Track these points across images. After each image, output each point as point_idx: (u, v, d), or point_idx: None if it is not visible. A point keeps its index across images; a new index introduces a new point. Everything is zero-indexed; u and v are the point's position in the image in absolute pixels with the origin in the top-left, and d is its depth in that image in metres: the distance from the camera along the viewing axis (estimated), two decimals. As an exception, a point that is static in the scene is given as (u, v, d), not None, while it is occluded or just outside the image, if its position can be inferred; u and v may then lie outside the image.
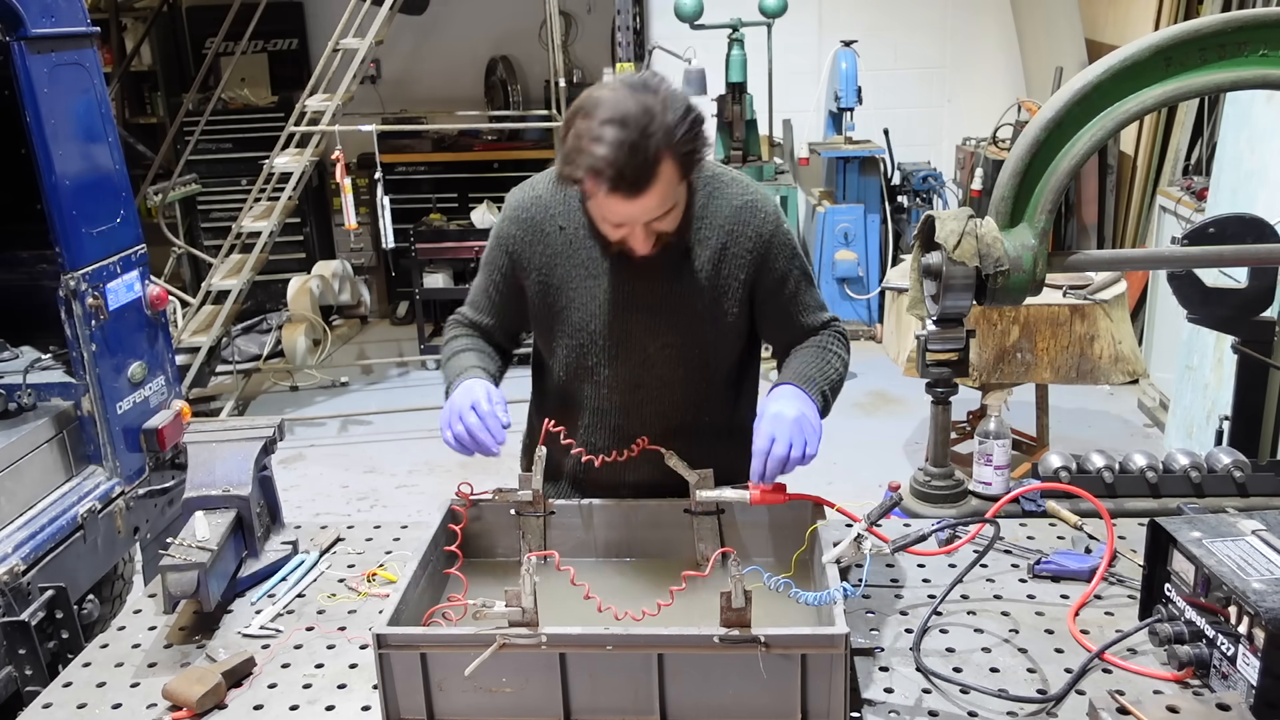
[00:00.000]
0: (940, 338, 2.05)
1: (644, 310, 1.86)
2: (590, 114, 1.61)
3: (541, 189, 1.91)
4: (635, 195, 1.62)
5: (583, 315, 1.87)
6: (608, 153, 1.57)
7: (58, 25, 2.90)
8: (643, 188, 1.61)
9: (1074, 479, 2.14)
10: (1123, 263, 4.00)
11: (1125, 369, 3.86)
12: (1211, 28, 1.90)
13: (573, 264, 1.86)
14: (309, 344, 6.51)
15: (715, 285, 1.86)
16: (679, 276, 1.85)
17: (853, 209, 6.76)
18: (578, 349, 1.90)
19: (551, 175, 1.90)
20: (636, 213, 1.66)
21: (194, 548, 1.71)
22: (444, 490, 1.79)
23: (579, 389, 1.93)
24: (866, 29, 6.82)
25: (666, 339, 1.87)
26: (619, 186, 1.59)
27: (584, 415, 1.94)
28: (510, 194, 1.95)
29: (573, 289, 1.87)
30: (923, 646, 1.57)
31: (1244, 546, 1.48)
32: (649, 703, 1.39)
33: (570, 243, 1.86)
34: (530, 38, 7.77)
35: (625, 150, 1.57)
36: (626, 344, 1.88)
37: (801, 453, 1.65)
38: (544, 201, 1.89)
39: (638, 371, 1.89)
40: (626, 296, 1.85)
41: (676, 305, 1.86)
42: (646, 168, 1.59)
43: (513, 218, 1.90)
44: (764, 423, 1.67)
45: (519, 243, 1.89)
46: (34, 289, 3.15)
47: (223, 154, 7.57)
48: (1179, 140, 5.68)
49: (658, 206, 1.67)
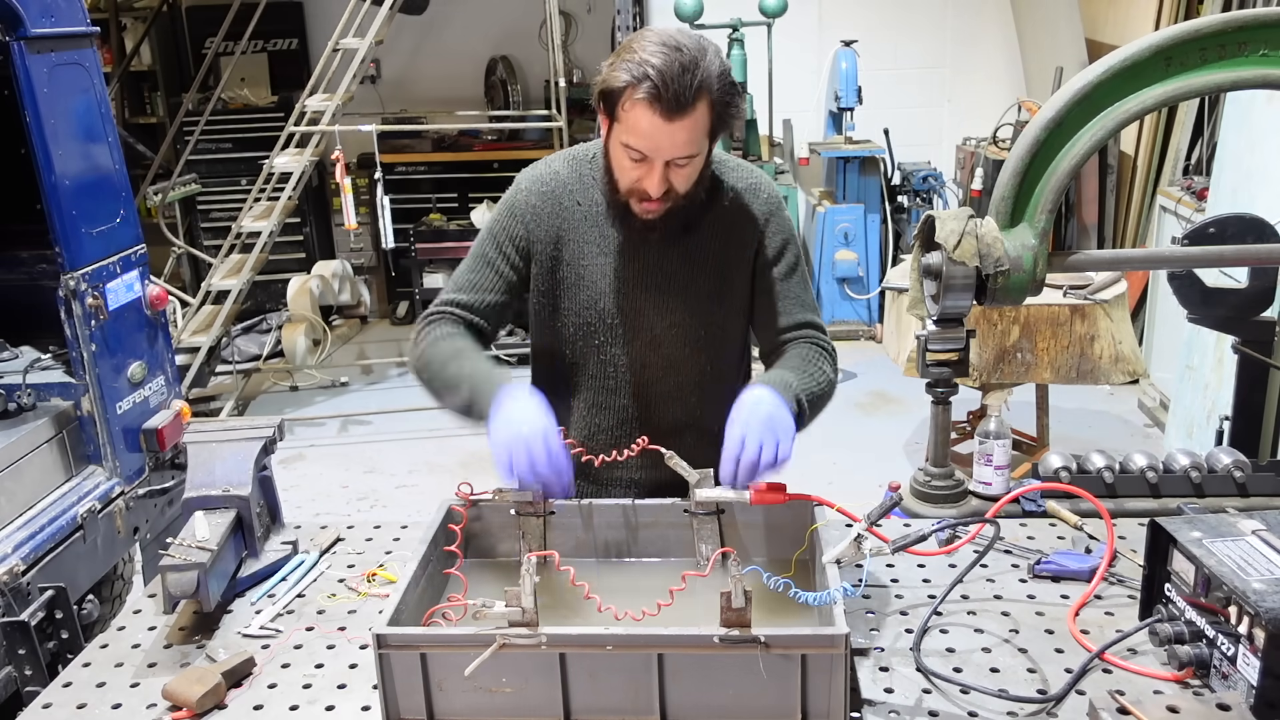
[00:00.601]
0: (940, 338, 2.05)
1: (653, 289, 1.87)
2: (645, 38, 1.65)
3: (558, 165, 1.91)
4: (671, 116, 1.62)
5: (591, 293, 1.88)
6: (659, 62, 1.60)
7: (57, 25, 2.90)
8: (682, 109, 1.62)
9: (1074, 479, 2.14)
10: (1123, 263, 4.00)
11: (1125, 369, 3.86)
12: (1211, 28, 1.90)
13: (584, 240, 1.87)
14: (309, 344, 6.51)
15: (722, 265, 1.87)
16: (688, 255, 1.86)
17: (853, 209, 6.76)
18: (584, 327, 1.90)
19: (566, 155, 1.93)
20: (664, 140, 1.66)
21: (194, 548, 1.71)
22: (444, 490, 1.78)
23: (584, 368, 1.92)
24: (866, 29, 6.82)
25: (675, 317, 1.88)
26: (660, 99, 1.61)
27: (588, 395, 1.93)
28: (524, 171, 1.94)
29: (583, 265, 1.87)
30: (923, 646, 1.57)
31: (1244, 546, 1.48)
32: (649, 703, 1.39)
33: (585, 219, 1.87)
34: (530, 38, 7.77)
35: (676, 66, 1.60)
36: (635, 323, 1.88)
37: (774, 455, 1.62)
38: (561, 177, 1.90)
39: (645, 351, 1.90)
40: (636, 274, 1.86)
41: (685, 284, 1.87)
42: (689, 91, 1.61)
43: (531, 190, 1.89)
44: (734, 426, 1.64)
45: (537, 213, 1.88)
46: (34, 289, 3.15)
47: (223, 154, 7.57)
48: (1179, 140, 5.68)
49: (685, 143, 1.67)
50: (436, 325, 1.88)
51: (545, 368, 2.01)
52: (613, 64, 1.68)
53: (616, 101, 1.66)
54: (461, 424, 1.82)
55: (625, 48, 1.67)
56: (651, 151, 1.68)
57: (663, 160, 1.68)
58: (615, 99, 1.66)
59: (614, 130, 1.72)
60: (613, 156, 1.76)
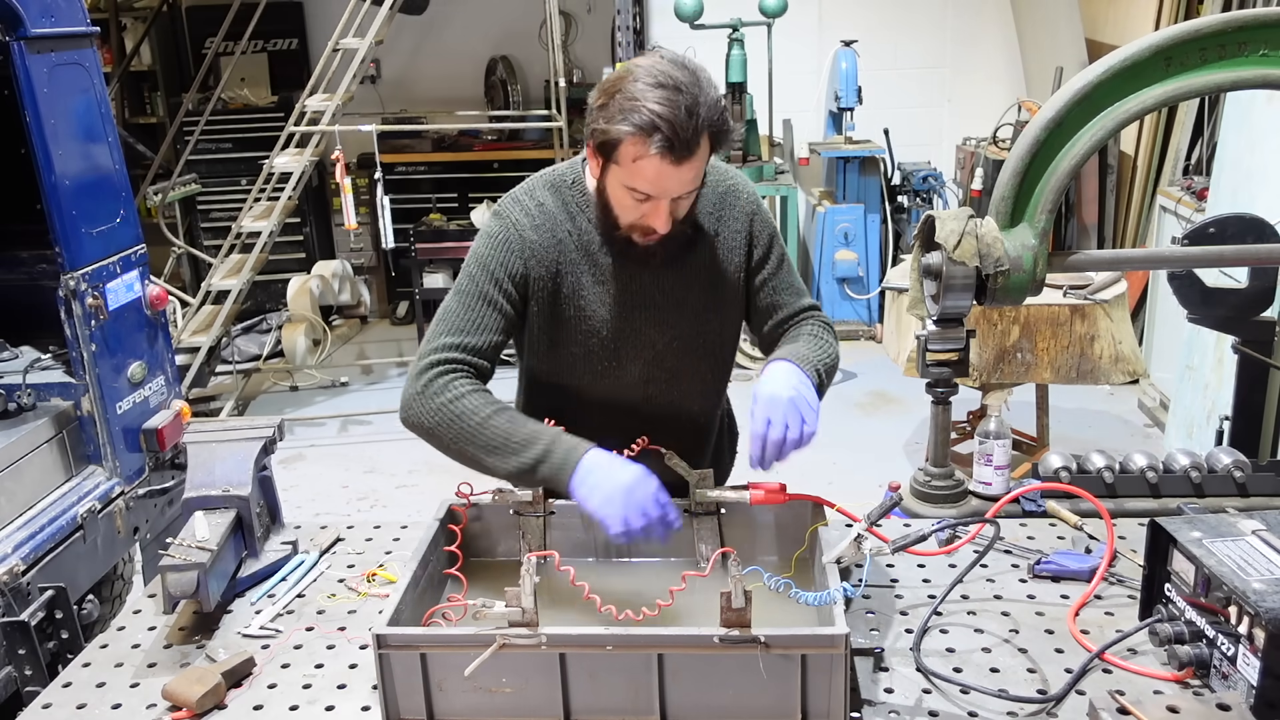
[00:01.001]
0: (940, 338, 2.05)
1: (651, 308, 1.87)
2: (638, 79, 1.61)
3: (541, 196, 1.85)
4: (680, 161, 1.62)
5: (592, 322, 1.86)
6: (664, 111, 1.58)
7: (57, 25, 2.89)
8: (690, 153, 1.62)
9: (1074, 479, 2.14)
10: (1123, 263, 4.00)
11: (1125, 369, 3.86)
12: (1211, 28, 1.90)
13: (580, 272, 1.84)
14: (309, 344, 6.50)
15: (714, 273, 1.88)
16: (681, 269, 1.86)
17: (853, 209, 6.75)
18: (587, 356, 1.88)
19: (545, 183, 1.87)
20: (673, 183, 1.65)
21: (194, 548, 1.71)
22: (444, 490, 1.78)
23: (588, 393, 1.92)
24: (866, 29, 6.81)
25: (675, 331, 1.88)
26: (670, 148, 1.59)
27: (595, 417, 1.89)
28: (506, 203, 1.86)
29: (582, 296, 1.85)
30: (923, 646, 1.57)
31: (1244, 546, 1.48)
32: (649, 703, 1.39)
33: (577, 249, 1.84)
34: (530, 38, 7.77)
35: (682, 113, 1.59)
36: (636, 342, 1.88)
37: (799, 433, 1.62)
38: (549, 209, 1.84)
39: (648, 368, 1.90)
40: (633, 295, 1.86)
41: (681, 297, 1.87)
42: (696, 134, 1.61)
43: (525, 224, 1.82)
44: (759, 405, 1.64)
45: (534, 249, 1.81)
46: (34, 289, 3.15)
47: (223, 154, 7.57)
48: (1179, 140, 5.67)
49: (693, 179, 1.68)
50: (450, 378, 1.73)
51: (545, 395, 1.96)
52: (605, 107, 1.63)
53: (617, 148, 1.64)
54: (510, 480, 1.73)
55: (618, 90, 1.62)
56: (660, 194, 1.67)
57: (669, 199, 1.68)
58: (616, 147, 1.64)
59: (611, 172, 1.69)
60: (612, 196, 1.73)
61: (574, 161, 1.88)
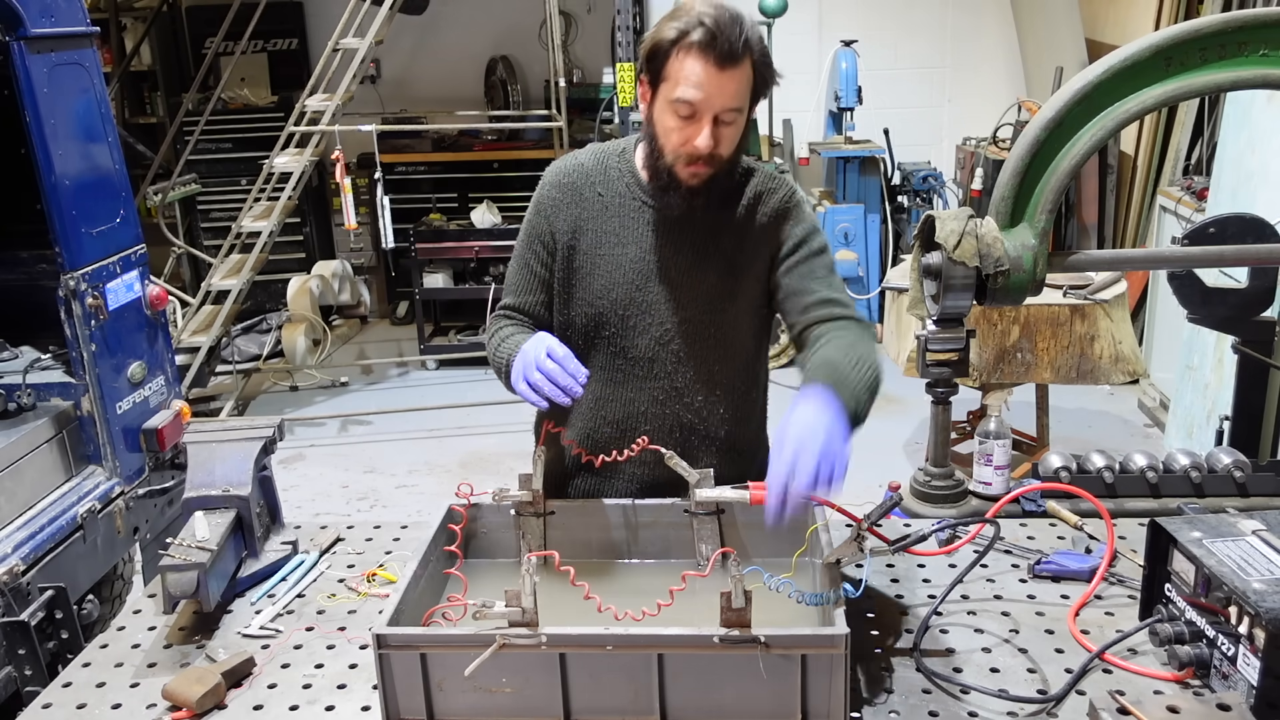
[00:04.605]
0: (940, 338, 2.05)
1: (667, 282, 1.87)
2: (694, 6, 1.70)
3: (584, 158, 1.95)
4: (723, 65, 1.67)
5: (605, 282, 1.88)
6: (709, 13, 1.67)
7: (57, 25, 2.89)
8: (733, 59, 1.67)
9: (1074, 479, 2.14)
10: (1123, 263, 4.00)
11: (1125, 369, 3.86)
12: (1211, 28, 1.90)
13: (603, 230, 1.88)
14: (309, 344, 6.51)
15: (738, 261, 1.88)
16: (704, 250, 1.86)
17: (853, 209, 6.75)
18: (596, 317, 1.90)
19: (593, 148, 1.97)
20: (715, 90, 1.69)
21: (194, 548, 1.71)
22: (444, 490, 1.79)
23: (593, 360, 1.91)
24: (866, 29, 6.82)
25: (687, 313, 1.88)
26: (713, 46, 1.66)
27: (595, 387, 1.90)
28: (551, 164, 1.99)
29: (599, 254, 1.88)
30: (923, 646, 1.57)
31: (1244, 546, 1.48)
32: (649, 703, 1.39)
33: (605, 209, 1.88)
34: (530, 38, 7.77)
35: (726, 17, 1.67)
36: (646, 316, 1.88)
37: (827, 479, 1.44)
38: (585, 169, 1.92)
39: (655, 346, 1.90)
40: (651, 267, 1.87)
41: (699, 279, 1.87)
42: (739, 43, 1.68)
43: (552, 182, 1.94)
44: (786, 445, 1.45)
45: (555, 204, 1.91)
46: (34, 289, 3.15)
47: (223, 154, 7.56)
48: (1179, 140, 5.68)
49: (734, 94, 1.71)
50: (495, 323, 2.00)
51: None
52: (659, 26, 1.73)
53: (666, 57, 1.70)
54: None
55: (669, 15, 1.73)
56: (703, 103, 1.70)
57: (712, 113, 1.71)
58: (665, 54, 1.70)
59: (660, 91, 1.74)
60: (658, 123, 1.77)
61: (631, 137, 1.95)
